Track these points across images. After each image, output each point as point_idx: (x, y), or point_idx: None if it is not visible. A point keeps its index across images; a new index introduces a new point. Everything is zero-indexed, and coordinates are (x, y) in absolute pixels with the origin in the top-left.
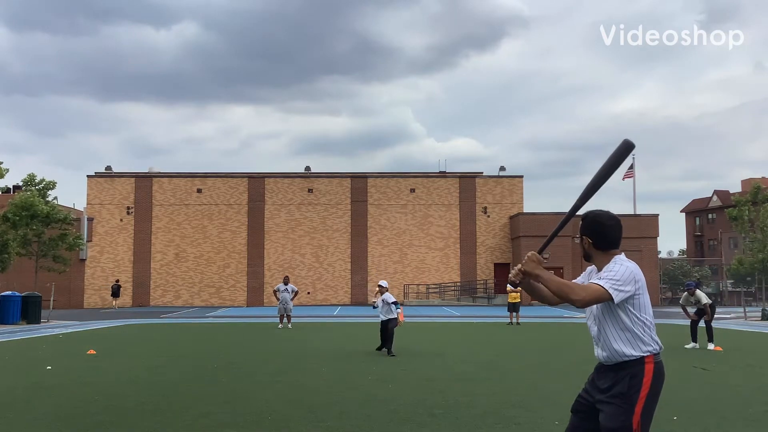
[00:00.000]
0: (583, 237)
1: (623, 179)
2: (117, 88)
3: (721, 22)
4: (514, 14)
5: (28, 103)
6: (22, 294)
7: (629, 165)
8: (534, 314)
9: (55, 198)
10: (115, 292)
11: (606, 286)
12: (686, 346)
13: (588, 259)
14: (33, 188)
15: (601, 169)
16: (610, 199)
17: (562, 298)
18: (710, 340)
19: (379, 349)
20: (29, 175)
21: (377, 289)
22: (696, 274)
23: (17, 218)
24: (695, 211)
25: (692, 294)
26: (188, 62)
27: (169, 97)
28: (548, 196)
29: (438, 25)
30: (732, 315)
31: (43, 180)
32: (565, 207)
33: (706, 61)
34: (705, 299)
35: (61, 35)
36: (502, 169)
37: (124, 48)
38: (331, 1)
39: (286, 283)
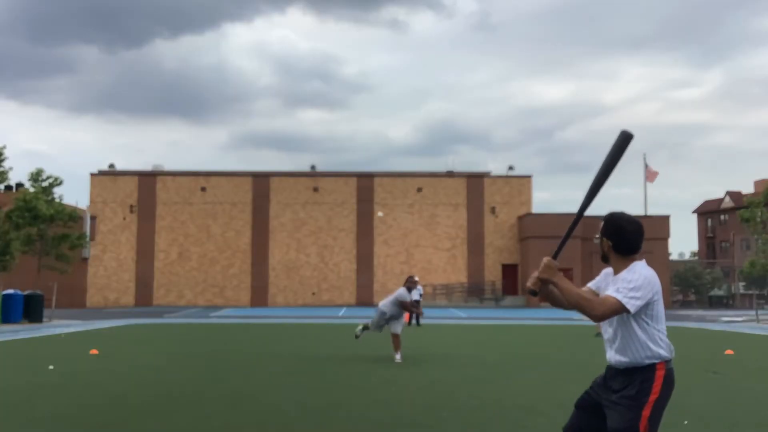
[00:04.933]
0: (603, 239)
1: (652, 181)
2: None
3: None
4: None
5: None
6: (24, 293)
7: (645, 166)
8: (541, 316)
9: (61, 196)
10: None
11: (622, 300)
12: None
13: (605, 260)
14: (37, 185)
15: (603, 165)
16: (620, 200)
17: (579, 311)
18: None
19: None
20: (37, 169)
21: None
22: (707, 276)
23: (20, 220)
24: (707, 213)
25: None
26: None
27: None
28: (557, 196)
29: None
30: (743, 318)
31: (49, 177)
32: (574, 208)
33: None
34: None
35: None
36: (511, 168)
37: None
38: None
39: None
